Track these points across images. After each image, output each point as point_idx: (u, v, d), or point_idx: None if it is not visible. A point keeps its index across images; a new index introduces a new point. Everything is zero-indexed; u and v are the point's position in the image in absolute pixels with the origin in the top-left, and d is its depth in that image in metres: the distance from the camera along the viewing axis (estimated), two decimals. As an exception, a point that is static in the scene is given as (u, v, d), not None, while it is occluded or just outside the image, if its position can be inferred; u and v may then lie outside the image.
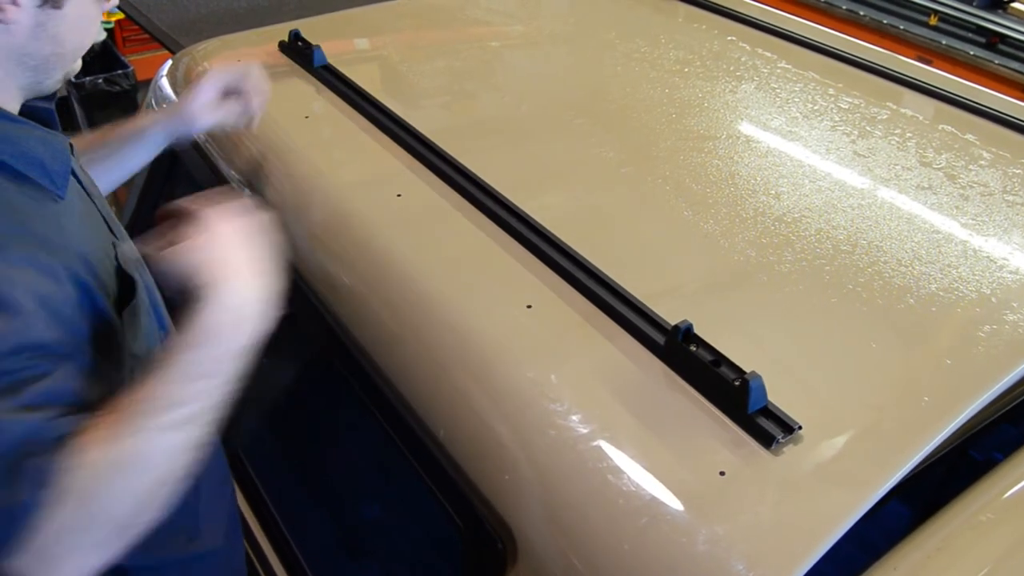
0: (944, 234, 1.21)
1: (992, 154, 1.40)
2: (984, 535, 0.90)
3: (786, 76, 1.63)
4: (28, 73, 0.89)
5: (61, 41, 0.89)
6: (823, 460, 0.87)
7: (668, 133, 1.45)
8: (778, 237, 1.17)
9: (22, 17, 0.83)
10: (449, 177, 1.26)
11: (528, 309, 1.04)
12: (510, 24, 2.02)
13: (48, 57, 0.89)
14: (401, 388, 1.02)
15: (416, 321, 1.08)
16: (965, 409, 0.93)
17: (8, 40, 0.85)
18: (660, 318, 0.99)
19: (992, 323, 1.05)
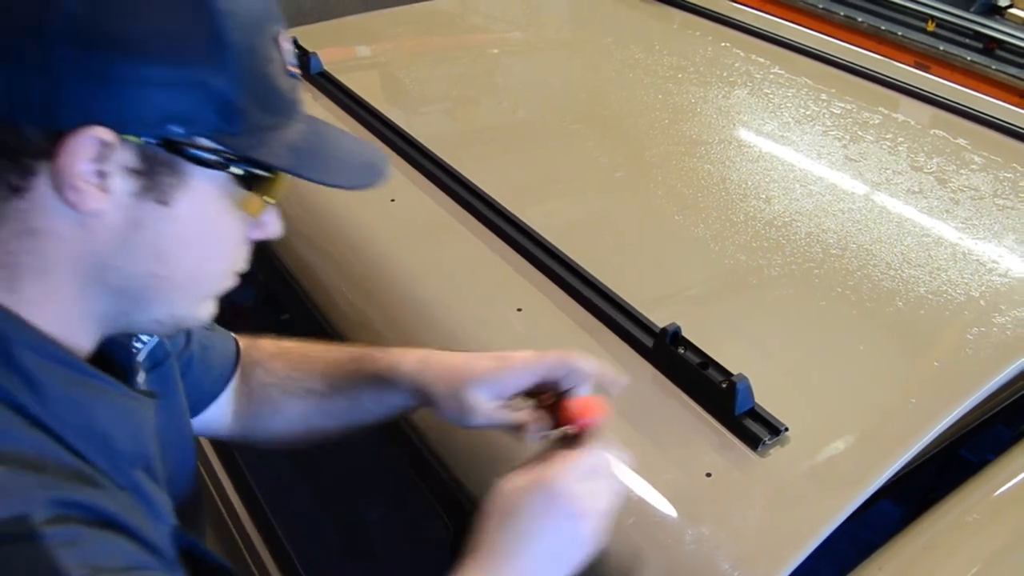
0: (934, 238, 1.22)
1: (983, 158, 1.41)
2: (971, 535, 0.91)
3: (779, 82, 1.64)
4: (110, 297, 0.62)
5: (163, 257, 0.61)
6: (810, 462, 0.88)
7: (661, 138, 1.46)
8: (768, 241, 1.18)
9: (107, 211, 0.58)
10: (442, 182, 1.27)
11: (518, 312, 1.05)
12: (507, 31, 2.04)
13: (142, 280, 0.61)
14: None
15: (407, 323, 1.09)
16: (952, 411, 0.93)
17: (85, 242, 0.59)
18: (648, 321, 1.00)
19: (980, 325, 1.05)
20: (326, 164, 0.64)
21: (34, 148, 0.55)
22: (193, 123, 0.58)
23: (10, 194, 0.57)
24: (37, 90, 0.54)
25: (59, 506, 0.53)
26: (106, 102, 0.55)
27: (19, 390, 0.56)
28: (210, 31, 0.57)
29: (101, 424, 0.61)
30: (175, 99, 0.56)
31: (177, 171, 0.59)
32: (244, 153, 0.60)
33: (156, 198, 0.59)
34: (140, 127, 0.56)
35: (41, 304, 0.59)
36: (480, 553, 0.69)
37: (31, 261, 0.58)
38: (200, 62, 0.57)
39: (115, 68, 0.54)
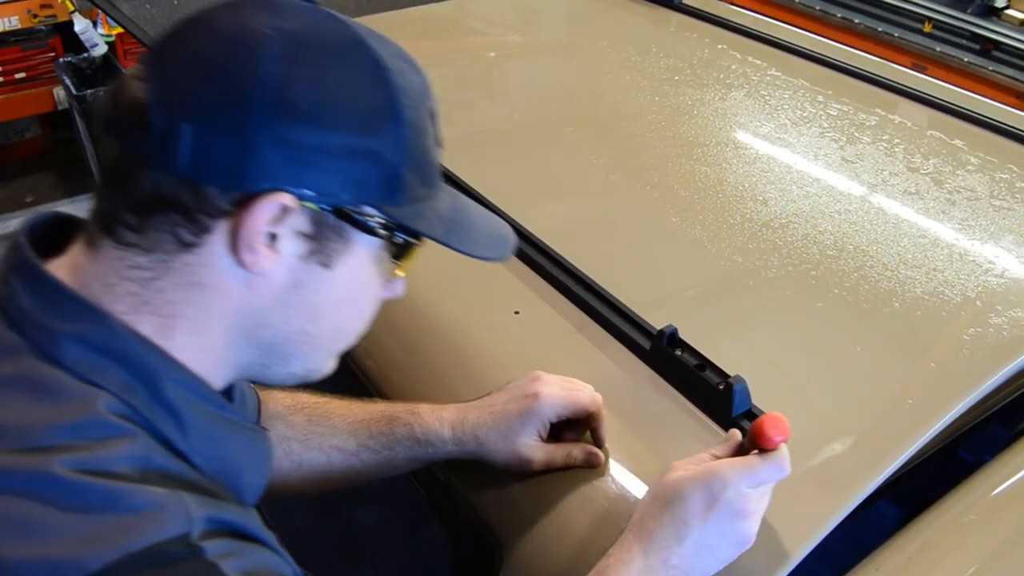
0: (930, 239, 1.22)
1: (979, 159, 1.41)
2: (967, 536, 0.91)
3: (775, 83, 1.65)
4: (255, 350, 0.65)
5: (318, 317, 0.65)
6: (807, 462, 0.88)
7: (658, 140, 1.46)
8: (765, 242, 1.18)
9: (274, 271, 0.61)
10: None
11: (516, 314, 1.05)
12: (503, 34, 2.04)
13: (291, 336, 0.65)
14: (389, 394, 1.03)
15: (404, 327, 1.09)
16: (949, 412, 0.93)
17: (247, 299, 0.62)
18: (646, 323, 1.00)
19: (977, 326, 1.05)
20: (469, 235, 0.69)
21: (213, 207, 0.59)
22: (364, 192, 0.62)
23: (178, 248, 0.60)
24: (228, 153, 0.57)
25: (211, 522, 0.56)
26: (292, 169, 0.58)
27: (164, 422, 0.59)
28: (389, 106, 0.62)
29: (234, 458, 0.64)
30: (352, 169, 0.60)
31: (343, 237, 0.63)
32: (405, 223, 0.64)
33: (320, 261, 0.62)
34: (318, 194, 0.60)
35: (190, 351, 0.62)
36: (639, 533, 0.74)
37: (190, 312, 0.61)
38: (379, 135, 0.61)
39: (305, 137, 0.58)
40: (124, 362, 0.59)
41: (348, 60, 0.61)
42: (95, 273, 0.61)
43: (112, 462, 0.54)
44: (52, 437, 0.54)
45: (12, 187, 4.17)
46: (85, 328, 0.59)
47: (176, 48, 0.60)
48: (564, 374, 0.93)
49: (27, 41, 3.87)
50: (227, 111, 0.57)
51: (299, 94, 0.58)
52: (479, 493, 0.92)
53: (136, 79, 0.60)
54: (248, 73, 0.57)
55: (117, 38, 4.05)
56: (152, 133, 0.57)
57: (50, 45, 3.92)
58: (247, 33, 0.59)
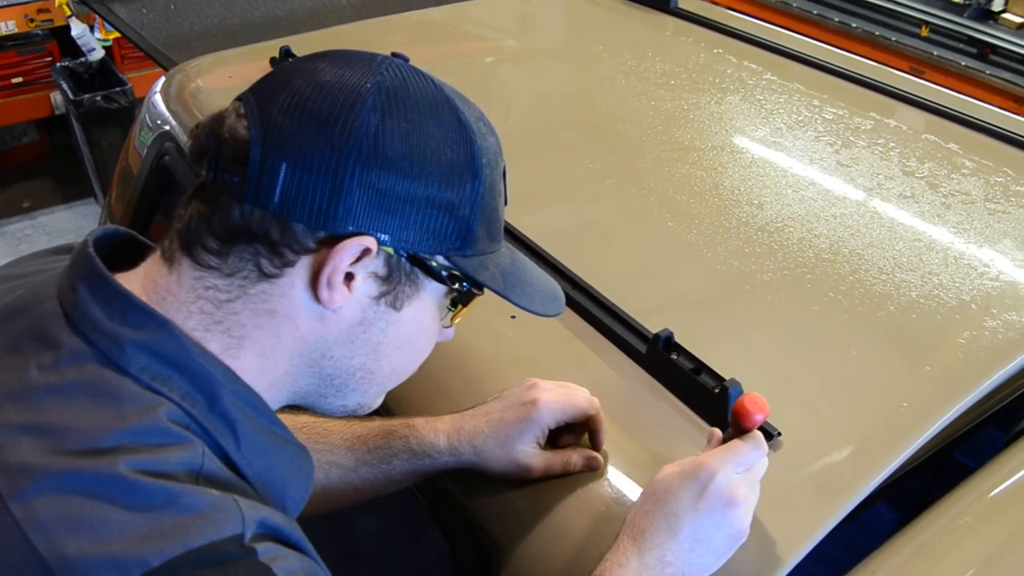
0: (925, 242, 1.22)
1: (974, 163, 1.41)
2: (964, 539, 0.91)
3: (771, 88, 1.65)
4: (315, 379, 0.68)
5: (380, 355, 0.69)
6: (803, 466, 0.88)
7: (654, 144, 1.46)
8: (760, 246, 1.19)
9: (346, 308, 0.65)
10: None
11: (512, 319, 1.05)
12: (499, 39, 2.05)
13: (353, 371, 0.68)
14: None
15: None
16: (944, 415, 0.93)
17: (317, 332, 0.65)
18: (642, 327, 1.00)
19: (972, 329, 1.06)
20: (525, 290, 0.73)
21: (299, 244, 0.62)
22: (437, 242, 0.66)
23: (259, 277, 0.63)
24: (319, 195, 0.61)
25: (262, 526, 0.58)
26: (376, 215, 0.63)
27: (220, 432, 0.62)
28: (470, 164, 0.66)
29: (280, 471, 0.67)
30: (431, 220, 0.65)
31: (414, 282, 0.67)
32: (471, 274, 0.68)
33: (390, 302, 0.67)
34: (396, 240, 0.64)
35: (253, 372, 0.65)
36: (633, 533, 0.75)
37: (260, 337, 0.65)
38: (458, 190, 0.65)
39: (392, 186, 0.62)
40: (187, 373, 0.61)
41: (437, 118, 0.65)
42: (170, 289, 0.64)
43: (170, 464, 0.57)
44: (115, 439, 0.57)
45: (9, 192, 4.18)
46: (152, 338, 0.61)
47: (279, 92, 0.63)
48: (560, 378, 0.93)
49: (24, 45, 3.87)
50: (323, 155, 0.61)
51: (391, 145, 0.62)
52: (476, 499, 0.92)
53: (238, 115, 0.63)
54: (346, 122, 0.61)
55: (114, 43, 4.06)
56: (249, 168, 0.61)
57: (47, 50, 3.92)
58: (348, 84, 0.63)
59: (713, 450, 0.77)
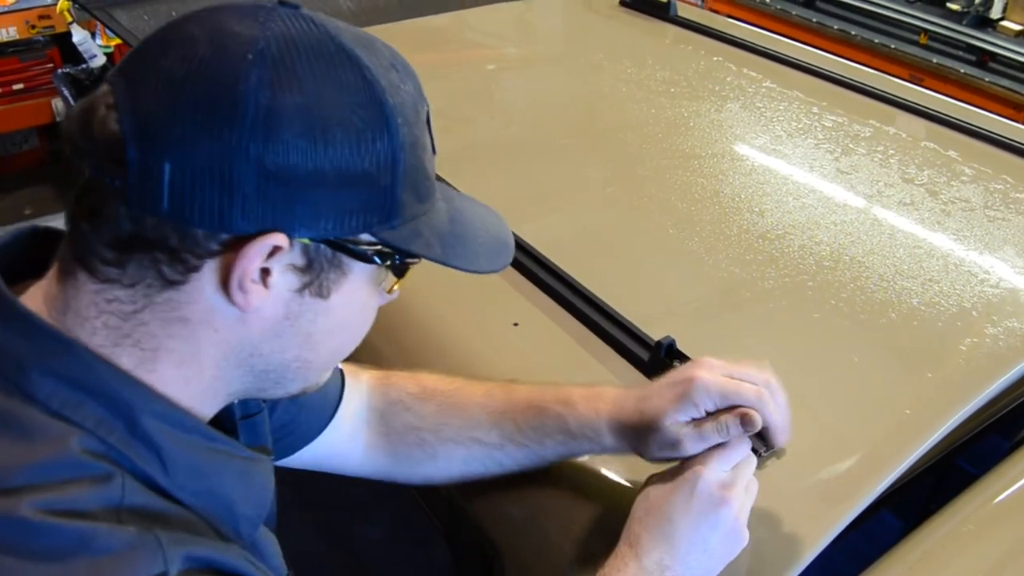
0: (926, 249, 1.22)
1: (974, 170, 1.42)
2: (967, 546, 0.91)
3: (771, 95, 1.66)
4: (249, 378, 0.62)
5: (314, 344, 0.62)
6: (805, 473, 0.88)
7: (654, 152, 1.46)
8: (762, 254, 1.19)
9: (267, 306, 0.58)
10: (437, 197, 1.28)
11: (515, 327, 1.06)
12: (501, 46, 2.05)
13: (287, 364, 0.62)
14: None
15: (403, 338, 1.09)
16: (947, 422, 0.93)
17: (238, 333, 0.59)
18: (644, 334, 1.00)
19: (973, 336, 1.06)
20: (467, 248, 0.66)
21: (200, 249, 0.55)
22: (358, 221, 0.58)
23: (162, 285, 0.56)
24: (213, 195, 0.53)
25: (191, 560, 0.53)
26: (282, 208, 0.55)
27: (143, 458, 0.56)
28: (383, 129, 0.57)
29: (224, 490, 0.61)
30: (346, 199, 0.57)
31: (339, 267, 0.60)
32: (402, 246, 0.60)
33: (315, 293, 0.60)
34: (311, 229, 0.56)
35: (175, 383, 0.59)
36: (629, 539, 0.74)
37: (176, 346, 0.58)
38: (373, 160, 0.57)
39: (295, 173, 0.54)
40: (99, 396, 0.56)
41: (337, 81, 0.56)
42: (70, 305, 0.57)
43: (84, 501, 0.52)
44: (22, 477, 0.51)
45: (10, 199, 4.17)
46: (58, 361, 0.55)
47: (148, 72, 0.55)
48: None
49: (25, 52, 3.87)
50: (209, 149, 0.53)
51: (286, 126, 0.53)
52: (480, 506, 0.92)
53: (107, 106, 0.55)
54: (230, 106, 0.53)
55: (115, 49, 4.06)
56: (128, 170, 0.53)
57: (48, 56, 3.92)
58: (226, 58, 0.54)
59: (702, 454, 0.77)
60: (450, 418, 0.87)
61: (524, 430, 0.84)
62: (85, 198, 0.56)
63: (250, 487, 0.64)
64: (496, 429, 0.85)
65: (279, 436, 0.83)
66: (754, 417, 0.76)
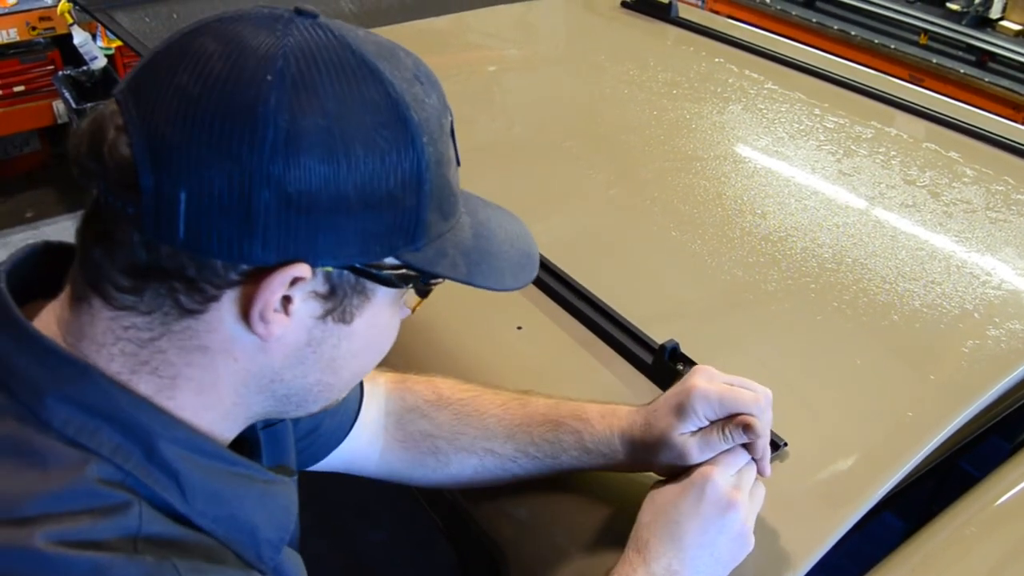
0: (928, 251, 1.23)
1: (975, 171, 1.42)
2: (970, 548, 0.91)
3: (773, 96, 1.66)
4: (270, 403, 0.61)
5: (336, 368, 0.61)
6: (809, 476, 0.89)
7: (656, 154, 1.47)
8: (764, 256, 1.19)
9: (289, 334, 0.56)
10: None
11: (519, 330, 1.06)
12: (502, 48, 2.05)
13: (311, 387, 0.61)
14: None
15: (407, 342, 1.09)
16: (949, 424, 0.94)
17: (259, 361, 0.57)
18: (647, 337, 1.01)
19: (975, 338, 1.06)
20: (491, 265, 0.64)
21: (219, 280, 0.53)
22: (383, 245, 0.56)
23: (179, 314, 0.54)
24: (232, 226, 0.51)
25: None
26: (304, 237, 0.53)
27: (161, 485, 0.55)
28: (408, 148, 0.55)
29: (246, 515, 0.59)
30: (370, 224, 0.54)
31: (363, 292, 0.58)
32: (427, 269, 0.59)
33: (338, 318, 0.58)
34: (334, 257, 0.55)
35: (196, 409, 0.58)
36: (638, 545, 0.74)
37: (195, 374, 0.56)
38: (398, 181, 0.55)
39: (317, 201, 0.52)
40: (116, 423, 0.54)
41: (360, 98, 0.53)
42: (85, 332, 0.56)
43: (99, 532, 0.50)
44: (37, 507, 0.50)
45: (12, 202, 4.17)
46: (74, 387, 0.54)
47: (161, 93, 0.52)
48: (565, 388, 0.93)
49: (26, 54, 3.87)
50: (227, 177, 0.50)
51: (307, 150, 0.51)
52: (485, 510, 0.92)
53: (116, 127, 0.52)
54: (250, 131, 0.50)
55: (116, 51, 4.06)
56: (143, 198, 0.51)
57: (49, 58, 3.92)
58: (244, 78, 0.51)
59: (705, 464, 0.77)
60: (466, 427, 0.87)
61: (539, 443, 0.84)
62: (95, 221, 0.54)
63: (273, 510, 0.62)
64: (511, 441, 0.85)
65: (304, 445, 0.82)
66: (755, 424, 0.76)
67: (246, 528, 0.59)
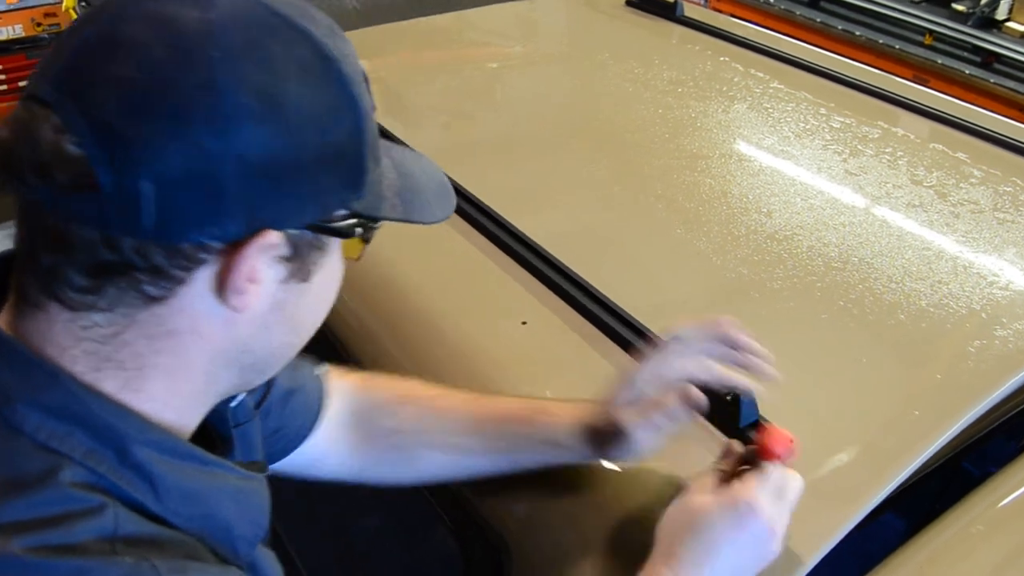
0: (934, 251, 1.22)
1: (983, 172, 1.42)
2: (974, 547, 0.91)
3: (778, 96, 1.66)
4: (237, 373, 0.61)
5: (297, 327, 0.62)
6: (814, 473, 0.88)
7: (661, 152, 1.47)
8: (770, 254, 1.19)
9: (255, 302, 0.56)
10: (446, 196, 1.28)
11: (523, 325, 1.06)
12: (505, 45, 2.05)
13: (275, 350, 0.62)
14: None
15: (412, 336, 1.09)
16: (955, 423, 0.94)
17: (228, 335, 0.57)
18: (653, 334, 1.00)
19: (982, 338, 1.06)
20: (420, 198, 0.65)
21: (189, 262, 0.53)
22: (334, 199, 0.57)
23: (144, 303, 0.54)
24: (199, 206, 0.51)
25: None
26: (269, 202, 0.53)
27: (135, 487, 0.55)
28: (345, 102, 0.56)
29: (220, 513, 0.59)
30: (323, 181, 0.56)
31: (321, 247, 0.59)
32: (374, 214, 0.60)
33: (300, 278, 0.58)
34: (297, 219, 0.55)
35: (162, 399, 0.57)
36: (667, 558, 0.72)
37: (164, 361, 0.56)
38: (340, 135, 0.56)
39: (278, 164, 0.53)
40: (87, 427, 0.54)
41: (297, 60, 0.54)
42: (44, 337, 0.55)
43: (76, 535, 0.50)
44: (11, 513, 0.50)
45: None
46: (44, 393, 0.53)
47: (99, 86, 0.50)
48: (571, 384, 0.94)
49: (31, 49, 3.88)
50: (187, 158, 0.50)
51: (260, 119, 0.51)
52: (487, 499, 0.92)
53: (54, 128, 0.50)
54: (202, 109, 0.50)
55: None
56: (102, 195, 0.49)
57: (54, 54, 3.93)
58: (184, 57, 0.50)
59: (751, 483, 0.74)
60: (431, 423, 0.87)
61: (506, 437, 0.85)
62: (40, 228, 0.52)
63: (246, 508, 0.62)
64: (475, 436, 0.86)
65: (273, 441, 0.83)
66: (691, 392, 0.77)
67: (221, 526, 0.59)
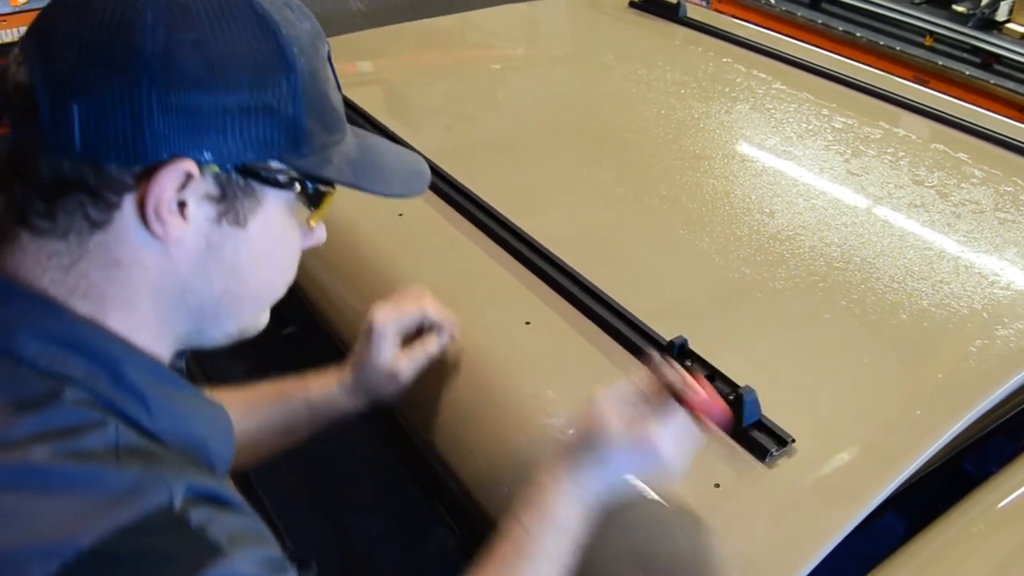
0: (936, 251, 1.23)
1: (984, 172, 1.42)
2: (975, 548, 0.91)
3: (780, 96, 1.66)
4: (187, 317, 0.65)
5: (240, 276, 0.66)
6: (816, 472, 0.89)
7: (664, 153, 1.47)
8: (772, 254, 1.19)
9: (188, 237, 0.61)
10: (449, 196, 1.28)
11: (527, 326, 1.06)
12: (508, 47, 2.06)
13: (218, 297, 0.66)
14: (400, 404, 1.03)
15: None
16: (957, 422, 0.94)
17: (167, 268, 0.62)
18: (656, 334, 1.01)
19: (983, 338, 1.06)
20: (380, 175, 0.71)
21: (117, 184, 0.59)
22: (266, 148, 0.62)
23: (90, 228, 0.60)
24: (121, 129, 0.58)
25: (191, 491, 0.57)
26: (189, 136, 0.59)
27: (129, 405, 0.60)
28: (280, 58, 0.62)
29: (200, 432, 0.65)
30: (251, 127, 0.61)
31: (253, 194, 0.63)
32: (312, 172, 0.65)
33: (233, 221, 0.63)
34: (219, 156, 0.60)
35: (129, 331, 0.63)
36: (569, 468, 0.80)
37: (115, 291, 0.62)
38: (273, 89, 0.61)
39: (197, 102, 0.59)
40: (84, 351, 0.60)
41: (231, 18, 0.60)
42: (20, 265, 0.61)
43: (86, 444, 0.55)
44: (23, 430, 0.55)
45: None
46: (41, 322, 0.59)
47: (53, 28, 0.60)
48: (575, 385, 0.95)
49: (33, 51, 3.88)
50: (113, 86, 0.57)
51: (184, 60, 0.58)
52: (488, 500, 0.93)
53: (17, 64, 0.59)
54: (129, 46, 0.57)
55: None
56: (41, 117, 0.58)
57: (56, 55, 3.93)
58: (120, 4, 0.58)
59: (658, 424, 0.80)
60: None
61: (277, 411, 0.97)
62: (12, 158, 0.60)
63: (217, 430, 0.69)
64: (252, 418, 0.95)
65: None
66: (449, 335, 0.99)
67: (199, 442, 0.65)
